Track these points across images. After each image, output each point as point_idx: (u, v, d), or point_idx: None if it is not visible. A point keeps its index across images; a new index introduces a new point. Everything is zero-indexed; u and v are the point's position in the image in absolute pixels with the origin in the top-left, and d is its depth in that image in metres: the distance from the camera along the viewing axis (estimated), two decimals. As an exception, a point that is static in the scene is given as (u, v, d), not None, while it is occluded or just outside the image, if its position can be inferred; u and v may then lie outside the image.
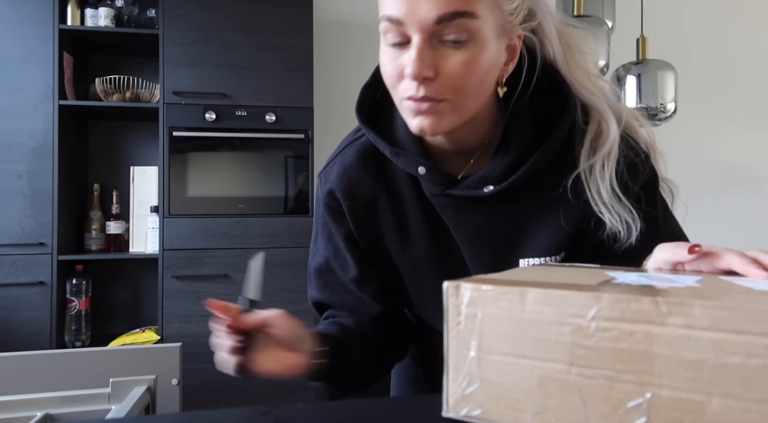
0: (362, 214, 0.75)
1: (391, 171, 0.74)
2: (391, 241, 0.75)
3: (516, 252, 0.72)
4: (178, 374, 0.87)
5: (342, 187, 0.75)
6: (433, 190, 0.71)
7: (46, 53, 2.17)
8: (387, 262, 0.77)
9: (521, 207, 0.71)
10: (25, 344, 2.11)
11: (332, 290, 0.80)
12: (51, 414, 0.75)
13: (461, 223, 0.72)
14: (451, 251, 0.74)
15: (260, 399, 2.25)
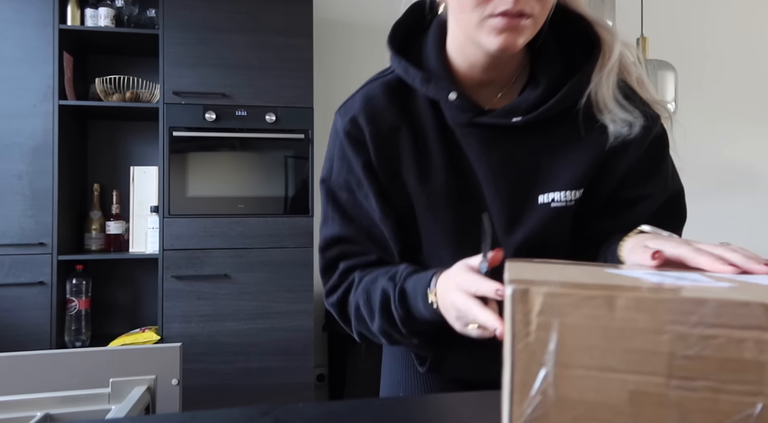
0: (383, 142, 0.75)
1: (415, 105, 0.76)
2: (409, 173, 0.75)
3: (536, 187, 0.74)
4: (178, 374, 0.87)
5: (365, 113, 0.76)
6: (461, 118, 0.72)
7: (46, 53, 2.17)
8: (403, 197, 0.76)
9: (545, 141, 0.73)
10: (25, 344, 2.11)
11: (359, 222, 0.78)
12: (51, 414, 0.75)
13: (485, 154, 0.73)
14: (469, 187, 0.75)
15: (260, 399, 2.25)
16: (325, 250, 0.80)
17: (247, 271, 2.26)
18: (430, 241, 0.77)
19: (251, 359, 2.26)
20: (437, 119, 0.75)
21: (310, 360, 2.30)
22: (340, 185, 0.78)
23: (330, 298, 0.81)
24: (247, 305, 2.26)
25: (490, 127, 0.72)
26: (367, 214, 0.77)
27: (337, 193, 0.79)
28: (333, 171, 0.79)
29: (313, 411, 0.56)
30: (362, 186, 0.77)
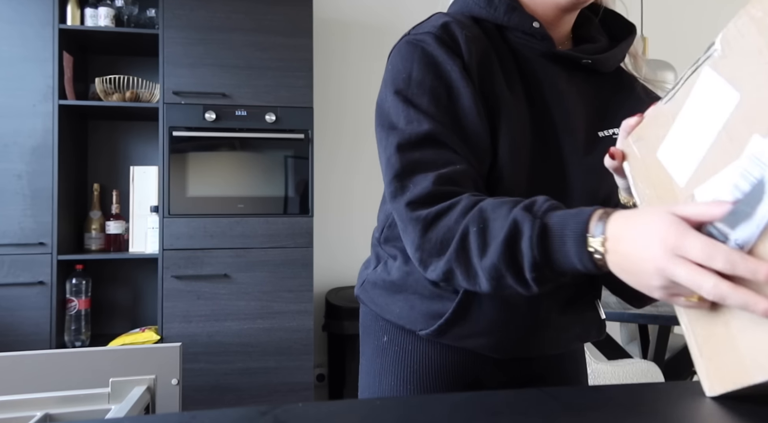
0: (479, 47, 0.74)
1: (491, 34, 0.79)
2: (500, 85, 0.75)
3: (597, 124, 0.80)
4: (177, 374, 0.87)
5: (455, 22, 0.74)
6: (539, 47, 0.78)
7: (46, 53, 2.17)
8: (492, 106, 0.73)
9: (602, 86, 0.83)
10: (24, 344, 2.11)
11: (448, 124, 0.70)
12: (51, 414, 0.75)
13: (557, 84, 0.79)
14: (543, 112, 0.78)
15: (260, 399, 2.25)
16: (405, 149, 0.68)
17: (247, 271, 2.26)
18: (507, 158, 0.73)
19: (251, 359, 2.26)
20: (510, 49, 0.79)
21: (310, 360, 2.30)
22: (422, 92, 0.71)
23: (416, 210, 0.66)
24: (247, 305, 2.26)
25: (561, 62, 0.79)
26: (453, 121, 0.70)
27: (416, 99, 0.70)
28: (411, 81, 0.71)
29: (313, 411, 0.56)
30: (452, 91, 0.71)
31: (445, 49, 0.72)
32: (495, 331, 0.78)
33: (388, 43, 2.80)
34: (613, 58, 0.82)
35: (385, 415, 0.55)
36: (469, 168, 0.68)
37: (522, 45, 0.79)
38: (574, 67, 0.81)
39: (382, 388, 0.86)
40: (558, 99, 0.78)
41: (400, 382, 0.84)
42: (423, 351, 0.83)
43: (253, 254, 2.27)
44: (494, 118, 0.73)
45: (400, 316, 0.84)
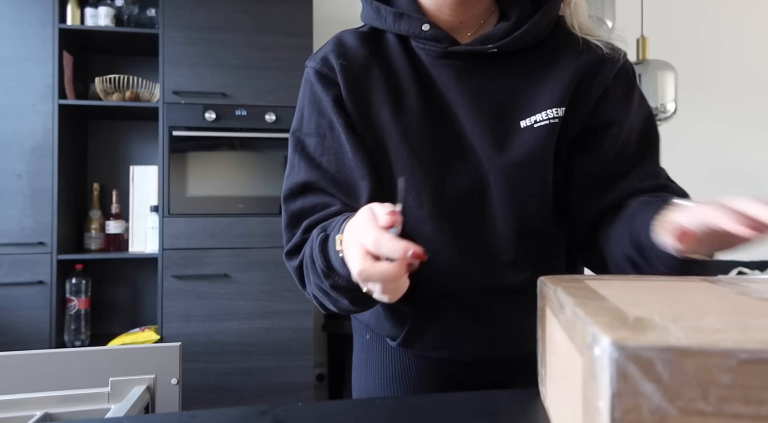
0: (354, 77, 0.74)
1: (386, 47, 0.77)
2: (382, 108, 0.74)
3: (516, 114, 0.74)
4: (177, 374, 0.87)
5: (336, 50, 0.76)
6: (436, 49, 0.73)
7: (46, 53, 2.17)
8: (375, 134, 0.74)
9: (521, 71, 0.75)
10: (24, 344, 2.11)
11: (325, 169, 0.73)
12: (50, 413, 0.75)
13: (462, 84, 0.73)
14: (445, 119, 0.74)
15: (259, 399, 2.25)
16: (288, 200, 0.75)
17: (246, 271, 2.26)
18: (408, 176, 0.74)
19: (251, 359, 2.25)
20: (409, 57, 0.75)
21: (309, 360, 2.30)
22: (309, 132, 0.75)
23: (292, 260, 0.73)
24: (247, 305, 2.26)
25: (466, 58, 0.74)
26: (335, 158, 0.74)
27: (305, 141, 0.75)
28: (303, 119, 0.77)
29: (312, 411, 0.56)
30: (333, 126, 0.74)
31: (323, 83, 0.74)
32: (455, 342, 0.79)
33: (388, 43, 2.80)
34: (535, 29, 0.73)
35: (384, 415, 0.55)
36: (343, 206, 0.72)
37: (421, 50, 0.75)
38: (485, 58, 0.74)
39: (368, 382, 0.88)
40: (463, 100, 0.74)
41: (382, 379, 0.86)
42: (401, 352, 0.85)
43: (253, 254, 2.27)
44: (382, 142, 0.74)
45: (369, 320, 0.87)
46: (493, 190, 0.73)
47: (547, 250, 0.78)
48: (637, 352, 0.29)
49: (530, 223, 0.75)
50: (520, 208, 0.73)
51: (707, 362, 0.29)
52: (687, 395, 0.29)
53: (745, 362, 0.29)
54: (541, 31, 0.74)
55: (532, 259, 0.76)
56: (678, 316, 0.35)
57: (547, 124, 0.72)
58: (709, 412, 0.29)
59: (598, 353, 0.32)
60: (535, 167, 0.72)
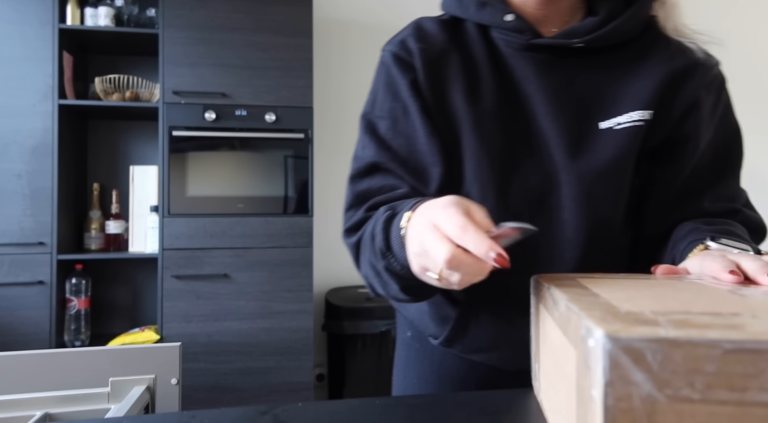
0: (432, 61, 0.72)
1: (466, 36, 0.75)
2: (457, 95, 0.71)
3: (597, 114, 0.70)
4: (177, 374, 0.87)
5: (415, 34, 0.74)
6: (518, 40, 0.71)
7: (45, 53, 2.17)
8: (448, 121, 0.72)
9: (607, 69, 0.71)
10: (24, 344, 2.11)
11: (396, 151, 0.71)
12: (50, 413, 0.75)
13: (542, 78, 0.70)
14: (520, 112, 0.72)
15: (259, 399, 2.25)
16: (355, 179, 0.73)
17: (246, 271, 2.26)
18: (474, 166, 0.71)
19: (251, 359, 2.25)
20: (488, 47, 0.73)
21: (309, 360, 2.30)
22: (382, 115, 0.74)
23: (351, 237, 0.69)
24: (247, 305, 2.26)
25: (548, 51, 0.71)
26: (407, 142, 0.72)
27: (377, 123, 0.74)
28: (376, 102, 0.75)
29: (312, 411, 0.56)
30: (407, 110, 0.72)
31: (400, 66, 0.73)
32: (497, 348, 0.77)
33: (388, 43, 2.80)
34: (625, 25, 0.70)
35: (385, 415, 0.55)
36: (411, 190, 0.70)
37: (502, 40, 0.73)
38: (568, 53, 0.71)
39: (406, 380, 0.88)
40: (542, 95, 0.71)
41: (421, 378, 0.85)
42: (442, 352, 0.83)
43: (252, 254, 2.27)
44: (454, 129, 0.72)
45: (414, 316, 0.85)
46: (564, 191, 0.70)
47: (611, 258, 0.74)
48: (629, 343, 0.31)
49: (601, 228, 0.71)
50: (594, 212, 0.70)
51: (694, 352, 0.31)
52: (675, 383, 0.31)
53: (729, 352, 0.30)
54: (631, 28, 0.70)
55: (593, 267, 0.72)
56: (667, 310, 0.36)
57: (630, 126, 0.68)
58: (695, 399, 0.31)
59: (592, 345, 0.33)
60: (613, 171, 0.69)
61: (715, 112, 0.73)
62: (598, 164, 0.68)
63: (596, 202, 0.70)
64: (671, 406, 0.31)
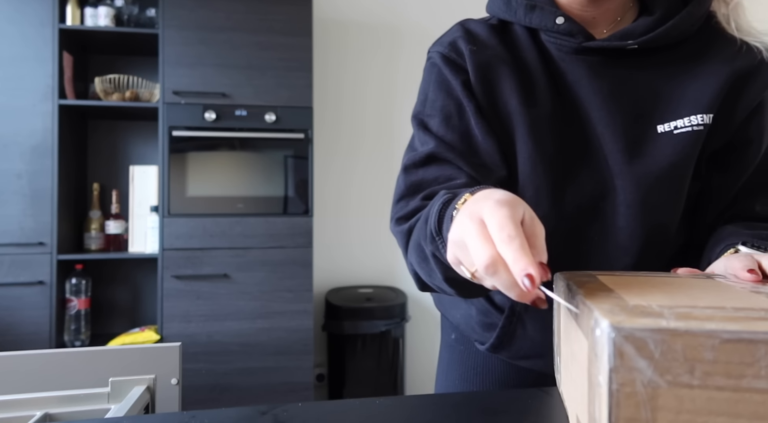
0: (484, 60, 0.71)
1: (515, 38, 0.73)
2: (511, 95, 0.70)
3: (655, 116, 0.67)
4: (177, 374, 0.87)
5: (465, 36, 0.73)
6: (569, 43, 0.68)
7: (45, 53, 2.17)
8: (501, 123, 0.71)
9: (664, 69, 0.68)
10: (24, 344, 2.11)
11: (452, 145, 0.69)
12: (50, 413, 0.75)
13: (595, 81, 0.68)
14: (575, 116, 0.70)
15: (259, 399, 2.25)
16: (408, 170, 0.70)
17: (246, 271, 2.26)
18: (528, 170, 0.70)
19: (251, 359, 2.25)
20: (539, 51, 0.72)
21: (309, 360, 2.30)
22: (433, 113, 0.72)
23: (402, 225, 0.66)
24: (247, 305, 2.26)
25: (602, 53, 0.68)
26: (460, 138, 0.70)
27: (428, 121, 0.72)
28: (427, 101, 0.74)
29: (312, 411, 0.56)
30: (461, 108, 0.71)
31: (451, 68, 0.72)
32: (544, 355, 0.76)
33: (388, 43, 2.80)
34: (683, 24, 0.66)
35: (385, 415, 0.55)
36: (470, 181, 0.67)
37: (553, 44, 0.71)
38: (623, 55, 0.68)
39: (448, 381, 0.88)
40: (595, 99, 0.69)
41: (464, 380, 0.86)
42: (487, 355, 0.83)
43: (252, 254, 2.27)
44: (508, 132, 0.71)
45: (459, 321, 0.86)
46: (619, 197, 0.68)
47: (661, 265, 0.71)
48: (632, 333, 0.34)
49: (656, 235, 0.68)
50: (650, 219, 0.67)
51: (694, 342, 0.33)
52: (676, 370, 0.33)
53: (727, 341, 0.33)
54: (689, 27, 0.67)
55: None
56: (674, 304, 0.38)
57: (690, 131, 0.66)
58: (695, 385, 0.33)
59: (598, 334, 0.35)
60: (671, 177, 0.66)
61: None
62: (656, 170, 0.67)
63: (652, 208, 0.68)
64: (672, 391, 0.33)
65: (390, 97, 2.80)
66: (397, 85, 2.80)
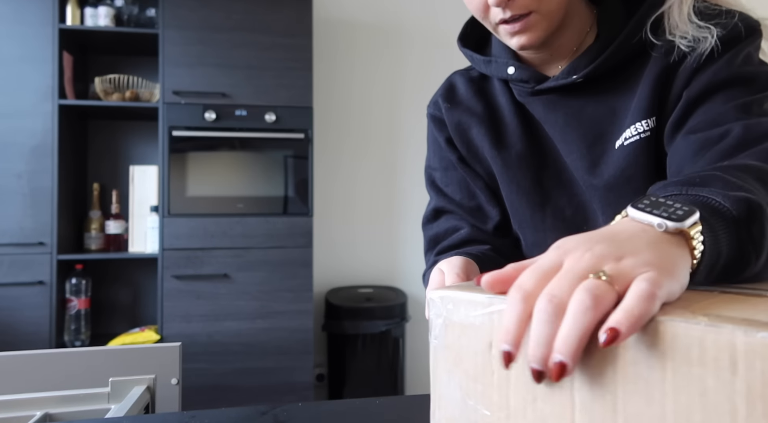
0: (458, 114, 0.80)
1: (491, 88, 0.81)
2: (483, 142, 0.78)
3: (611, 135, 0.70)
4: (177, 374, 0.87)
5: (444, 93, 0.83)
6: (524, 89, 0.75)
7: (45, 53, 2.17)
8: (483, 164, 0.80)
9: (612, 90, 0.71)
10: (24, 343, 2.11)
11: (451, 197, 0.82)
12: (50, 413, 0.75)
13: (552, 116, 0.74)
14: (545, 151, 0.76)
15: (259, 399, 2.25)
16: (425, 225, 0.85)
17: (246, 271, 2.26)
18: (509, 203, 0.79)
19: (251, 359, 2.26)
20: (510, 97, 0.78)
21: (309, 360, 2.30)
22: (435, 167, 0.85)
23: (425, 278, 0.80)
24: (247, 305, 2.26)
25: (555, 90, 0.73)
26: (458, 186, 0.82)
27: (433, 174, 0.85)
28: (429, 156, 0.86)
29: (312, 410, 0.56)
30: (451, 161, 0.82)
31: (436, 125, 0.83)
32: None
33: (388, 43, 2.80)
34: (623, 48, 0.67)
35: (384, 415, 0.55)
36: (471, 228, 0.79)
37: (515, 89, 0.77)
38: (574, 87, 0.71)
39: None
40: (555, 131, 0.74)
41: None
42: None
43: (252, 254, 2.27)
44: (491, 174, 0.80)
45: None
46: (599, 218, 0.72)
47: None
48: None
49: None
50: None
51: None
52: None
53: None
54: (630, 48, 0.68)
55: None
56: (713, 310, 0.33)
57: (637, 139, 0.67)
58: None
59: None
60: (628, 187, 0.68)
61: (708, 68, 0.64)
62: (612, 182, 0.69)
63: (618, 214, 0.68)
64: None
65: (390, 97, 2.80)
66: (397, 84, 2.80)
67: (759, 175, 0.48)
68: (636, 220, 0.39)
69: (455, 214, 0.82)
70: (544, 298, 0.33)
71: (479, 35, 0.81)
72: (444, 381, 0.40)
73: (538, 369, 0.32)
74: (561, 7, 0.67)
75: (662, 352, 0.30)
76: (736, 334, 0.28)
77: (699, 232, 0.38)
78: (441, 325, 0.40)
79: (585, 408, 0.33)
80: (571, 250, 0.36)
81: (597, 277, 0.33)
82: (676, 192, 0.45)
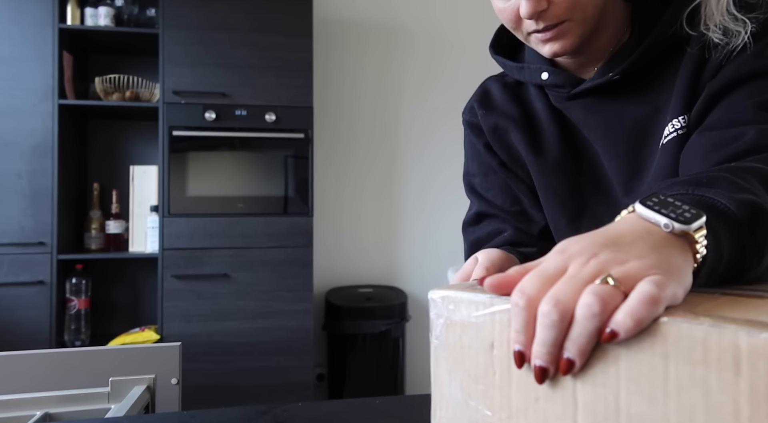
0: (494, 120, 0.79)
1: (527, 93, 0.80)
2: (520, 146, 0.77)
3: (657, 136, 0.68)
4: (177, 374, 0.87)
5: (479, 99, 0.82)
6: (560, 94, 0.74)
7: (45, 52, 2.17)
8: (523, 169, 0.79)
9: (651, 90, 0.69)
10: (24, 343, 2.11)
11: (493, 202, 0.81)
12: (50, 413, 0.75)
13: (592, 118, 0.72)
14: (584, 157, 0.75)
15: (259, 399, 2.25)
16: (466, 230, 0.83)
17: (246, 271, 2.26)
18: (546, 209, 0.78)
19: (251, 359, 2.26)
20: (547, 102, 0.77)
21: (309, 359, 2.30)
22: (474, 173, 0.84)
23: None
24: (247, 305, 2.26)
25: (593, 92, 0.71)
26: (500, 191, 0.81)
27: (473, 181, 0.84)
28: (467, 163, 0.85)
29: (312, 410, 0.56)
30: (491, 166, 0.81)
31: (473, 131, 0.83)
32: None
33: (388, 43, 2.80)
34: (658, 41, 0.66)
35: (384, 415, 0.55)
36: (515, 231, 0.79)
37: (551, 94, 0.76)
38: (613, 86, 0.69)
39: None
40: (596, 135, 0.72)
41: None
42: None
43: (253, 254, 2.27)
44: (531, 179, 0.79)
45: None
46: None
47: None
48: None
49: None
50: None
51: None
52: None
53: None
54: (666, 42, 0.66)
55: None
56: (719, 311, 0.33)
57: (675, 136, 0.65)
58: None
59: None
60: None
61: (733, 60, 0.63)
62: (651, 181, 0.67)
63: None
64: None
65: (390, 97, 2.80)
66: (398, 85, 2.80)
67: (765, 178, 0.47)
68: (643, 218, 0.39)
69: (498, 217, 0.81)
70: (548, 302, 0.33)
71: (511, 41, 0.79)
72: (445, 381, 0.40)
73: (543, 366, 0.33)
74: (595, 12, 0.65)
75: (665, 353, 0.30)
76: (739, 335, 0.28)
77: (703, 236, 0.38)
78: (442, 325, 0.40)
79: (587, 408, 0.33)
80: (576, 255, 0.36)
81: (604, 281, 0.33)
82: (683, 191, 0.45)
